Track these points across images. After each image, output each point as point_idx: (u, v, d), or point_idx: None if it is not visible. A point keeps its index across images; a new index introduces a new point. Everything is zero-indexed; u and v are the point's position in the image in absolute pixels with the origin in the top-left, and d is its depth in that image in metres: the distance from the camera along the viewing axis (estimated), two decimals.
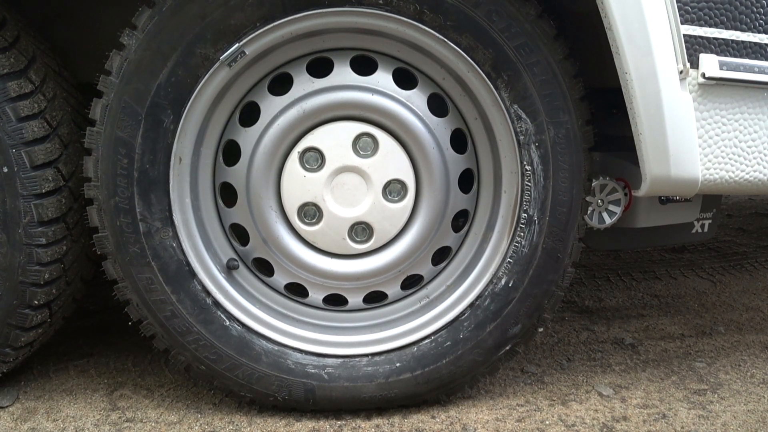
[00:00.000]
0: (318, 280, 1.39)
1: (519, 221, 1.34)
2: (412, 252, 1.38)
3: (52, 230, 1.34)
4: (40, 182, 1.31)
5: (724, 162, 1.29)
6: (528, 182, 1.32)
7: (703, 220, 1.65)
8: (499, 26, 1.24)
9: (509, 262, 1.36)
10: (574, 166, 1.32)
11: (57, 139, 1.35)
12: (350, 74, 1.30)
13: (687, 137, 1.24)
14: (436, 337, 1.38)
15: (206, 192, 1.36)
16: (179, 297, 1.32)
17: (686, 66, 1.22)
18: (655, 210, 1.51)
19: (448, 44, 1.26)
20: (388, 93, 1.30)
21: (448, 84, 1.35)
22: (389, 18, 1.24)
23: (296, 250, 1.36)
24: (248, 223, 1.35)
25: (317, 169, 1.32)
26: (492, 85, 1.28)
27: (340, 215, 1.33)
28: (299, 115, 1.29)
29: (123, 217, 1.27)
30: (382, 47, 1.32)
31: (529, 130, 1.30)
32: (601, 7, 1.18)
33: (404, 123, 1.31)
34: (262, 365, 1.36)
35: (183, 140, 1.27)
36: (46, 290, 1.37)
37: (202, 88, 1.25)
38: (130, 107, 1.23)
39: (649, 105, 1.21)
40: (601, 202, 1.41)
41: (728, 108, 1.27)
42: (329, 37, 1.30)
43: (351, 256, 1.38)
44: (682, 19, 1.21)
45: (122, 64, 1.22)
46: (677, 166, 1.25)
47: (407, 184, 1.33)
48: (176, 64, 1.22)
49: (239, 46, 1.23)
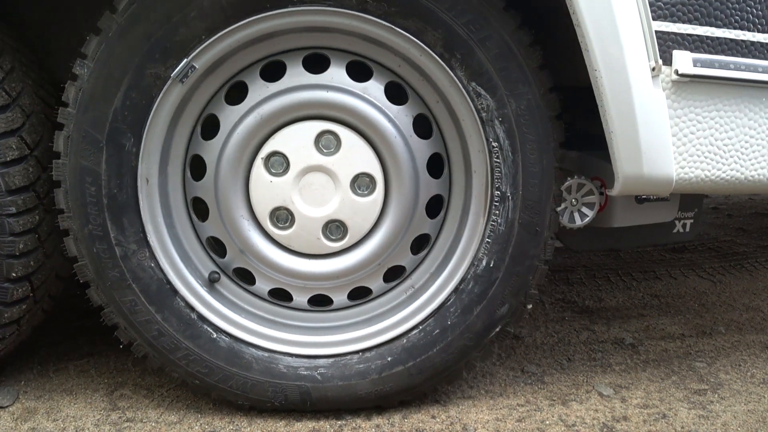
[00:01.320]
0: (299, 282, 1.39)
1: (492, 199, 1.32)
2: (388, 244, 1.36)
3: (22, 199, 1.34)
4: (4, 150, 1.31)
5: (699, 161, 1.25)
6: (497, 159, 1.30)
7: (684, 219, 1.62)
8: (445, 5, 1.22)
9: (488, 242, 1.33)
10: (541, 136, 1.29)
11: (18, 108, 1.35)
12: (303, 74, 1.30)
13: (660, 135, 1.21)
14: (424, 326, 1.37)
15: (179, 209, 1.37)
16: (164, 315, 1.33)
17: (658, 63, 1.18)
18: (631, 209, 1.48)
19: (396, 30, 1.24)
20: (343, 88, 1.29)
21: (404, 71, 1.33)
22: (333, 12, 1.23)
23: (274, 255, 1.37)
24: (223, 235, 1.36)
25: (283, 173, 1.31)
26: (446, 66, 1.26)
27: (311, 216, 1.32)
28: (257, 122, 1.29)
29: (99, 243, 1.29)
30: (332, 43, 1.31)
31: (490, 106, 1.27)
32: (569, 3, 1.15)
33: (363, 116, 1.30)
34: (254, 373, 1.36)
35: (147, 161, 1.29)
36: (24, 262, 1.37)
37: (158, 108, 1.26)
38: (90, 135, 1.25)
39: (620, 102, 1.18)
40: (575, 201, 1.38)
41: (703, 105, 1.23)
42: (279, 39, 1.29)
43: (328, 255, 1.38)
44: (654, 14, 1.18)
45: (77, 94, 1.24)
46: (650, 164, 1.22)
47: (375, 177, 1.32)
48: (129, 87, 1.23)
49: (188, 61, 1.23)
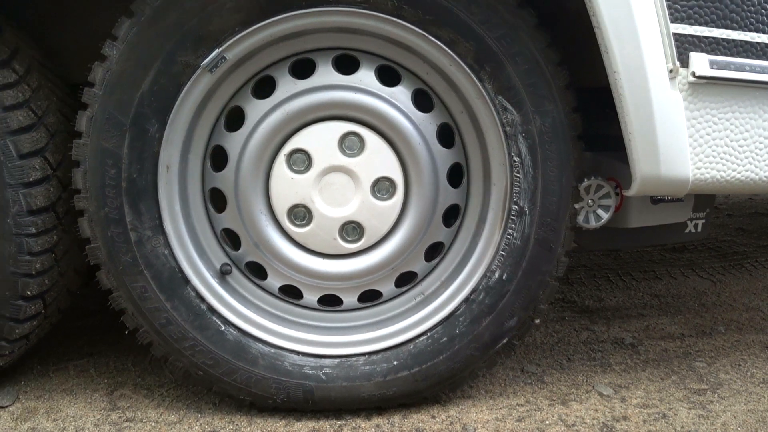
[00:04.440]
0: (311, 281, 1.39)
1: (510, 213, 1.33)
2: (404, 249, 1.37)
3: (42, 219, 1.33)
4: (28, 171, 1.31)
5: (715, 161, 1.27)
6: (517, 173, 1.31)
7: (696, 219, 1.63)
8: (479, 18, 1.23)
9: (502, 255, 1.35)
10: (563, 154, 1.30)
11: (43, 128, 1.35)
12: (333, 74, 1.30)
13: (677, 136, 1.23)
14: (432, 333, 1.38)
15: (196, 198, 1.37)
16: (173, 304, 1.32)
17: (676, 65, 1.20)
18: (646, 210, 1.49)
19: (429, 39, 1.25)
20: (371, 91, 1.30)
21: (432, 79, 1.34)
22: (368, 15, 1.23)
23: (288, 252, 1.37)
24: (239, 228, 1.36)
25: (305, 171, 1.31)
26: (475, 78, 1.27)
27: (329, 215, 1.33)
28: (284, 118, 1.29)
29: (114, 227, 1.28)
30: (363, 45, 1.32)
31: (515, 120, 1.29)
32: (589, 6, 1.16)
33: (389, 120, 1.30)
34: (260, 368, 1.36)
35: (169, 148, 1.28)
36: (39, 281, 1.37)
37: (186, 96, 1.25)
38: (114, 118, 1.24)
39: (639, 104, 1.20)
40: (592, 202, 1.40)
41: (719, 107, 1.25)
42: (310, 38, 1.30)
43: (343, 256, 1.38)
44: (672, 17, 1.19)
45: (105, 76, 1.23)
46: (667, 165, 1.23)
47: (395, 182, 1.33)
48: (158, 73, 1.23)
49: (219, 52, 1.23)
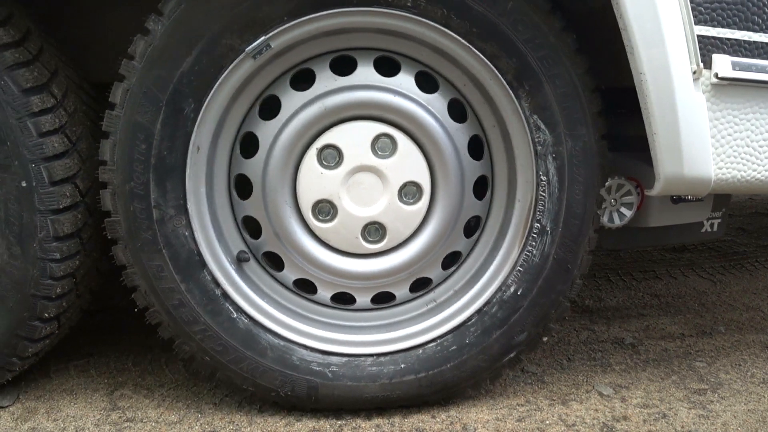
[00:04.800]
0: (327, 277, 1.39)
1: (531, 230, 1.35)
2: (423, 255, 1.38)
3: (67, 245, 1.33)
4: (58, 198, 1.30)
5: (736, 161, 1.29)
6: (542, 192, 1.34)
7: (712, 219, 1.65)
8: (524, 36, 1.25)
9: (519, 271, 1.36)
10: (589, 179, 1.33)
11: (76, 154, 1.34)
12: (373, 74, 1.31)
13: (700, 137, 1.25)
14: (442, 340, 1.39)
15: (221, 183, 1.36)
16: (188, 286, 1.31)
17: (699, 66, 1.22)
18: (667, 209, 1.51)
19: (473, 51, 1.26)
20: (409, 95, 1.31)
21: (468, 90, 1.35)
22: (416, 21, 1.24)
23: (308, 246, 1.36)
24: (261, 216, 1.35)
25: (335, 167, 1.32)
26: (513, 94, 1.29)
27: (354, 214, 1.33)
28: (320, 112, 1.29)
29: (137, 202, 1.26)
30: (406, 50, 1.32)
31: (547, 140, 1.31)
32: (616, 8, 1.18)
33: (424, 126, 1.31)
34: (267, 360, 1.35)
35: (202, 129, 1.27)
36: (57, 303, 1.38)
37: (225, 79, 1.24)
38: (151, 93, 1.22)
39: (664, 105, 1.21)
40: (614, 201, 1.41)
41: (740, 108, 1.28)
42: (354, 36, 1.30)
43: (362, 256, 1.38)
44: (696, 19, 1.21)
45: (146, 50, 1.21)
46: (690, 165, 1.25)
47: (423, 187, 1.34)
48: (201, 53, 1.22)
49: (265, 39, 1.23)
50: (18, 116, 1.26)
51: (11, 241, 1.31)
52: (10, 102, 1.26)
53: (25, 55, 1.28)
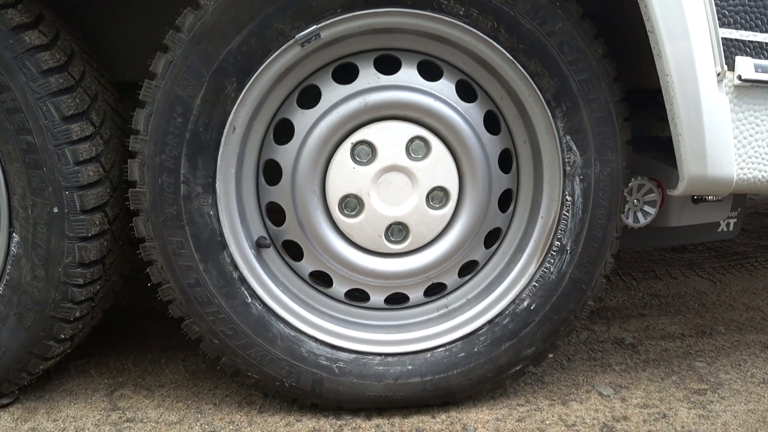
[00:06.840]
0: (345, 272, 1.38)
1: (551, 248, 1.38)
2: (442, 260, 1.39)
3: (90, 272, 1.34)
4: (88, 226, 1.30)
5: (757, 162, 1.31)
6: (566, 212, 1.36)
7: (729, 218, 1.66)
8: (569, 58, 1.28)
9: (534, 286, 1.39)
10: (612, 204, 1.36)
11: (108, 182, 1.33)
12: (416, 77, 1.32)
13: (723, 138, 1.27)
14: (451, 346, 1.40)
15: (250, 166, 1.35)
16: (206, 266, 1.29)
17: (723, 68, 1.24)
18: (687, 209, 1.53)
19: (516, 66, 1.28)
20: (449, 102, 1.32)
21: (505, 104, 1.38)
22: (465, 30, 1.26)
23: (330, 238, 1.36)
24: (287, 204, 1.34)
25: (367, 164, 1.32)
26: (550, 113, 1.31)
27: (381, 212, 1.33)
28: (360, 107, 1.30)
29: (166, 176, 1.24)
30: (449, 56, 1.34)
31: (576, 162, 1.34)
32: (644, 11, 1.20)
33: (460, 134, 1.33)
34: (277, 348, 1.34)
35: (241, 110, 1.26)
36: (74, 326, 1.38)
37: (271, 63, 1.24)
38: (195, 67, 1.21)
39: (689, 106, 1.24)
40: (637, 201, 1.43)
41: (762, 109, 1.30)
42: (400, 36, 1.31)
43: (382, 254, 1.39)
44: (720, 22, 1.24)
45: (195, 23, 1.20)
46: (714, 165, 1.27)
47: (450, 194, 1.35)
48: (251, 34, 1.21)
49: (316, 28, 1.23)
50: (57, 143, 1.25)
51: (36, 263, 1.30)
52: (50, 128, 1.25)
53: (68, 80, 1.27)
